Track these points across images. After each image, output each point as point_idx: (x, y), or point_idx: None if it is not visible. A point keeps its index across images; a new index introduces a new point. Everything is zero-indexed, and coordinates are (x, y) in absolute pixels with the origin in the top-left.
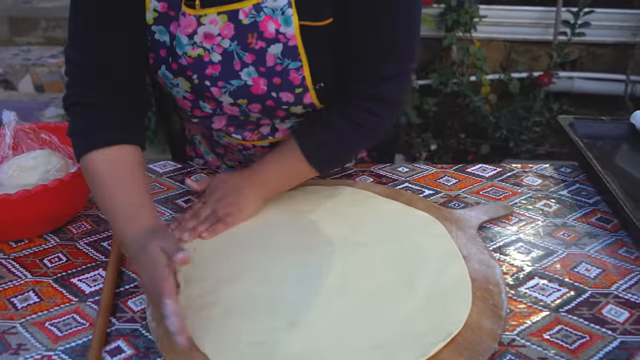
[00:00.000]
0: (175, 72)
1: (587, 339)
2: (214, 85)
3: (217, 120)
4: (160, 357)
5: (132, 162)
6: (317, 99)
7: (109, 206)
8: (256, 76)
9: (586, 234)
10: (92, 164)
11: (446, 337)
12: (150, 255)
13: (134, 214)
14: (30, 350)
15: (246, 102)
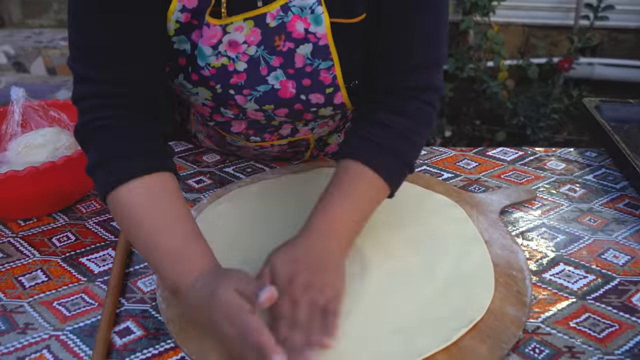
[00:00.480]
0: (196, 82)
1: (616, 327)
2: (239, 94)
3: (236, 124)
4: (170, 338)
5: (174, 192)
6: (348, 98)
7: (153, 247)
8: (284, 79)
9: (613, 220)
10: (127, 196)
11: (468, 323)
12: (226, 304)
13: (187, 256)
14: (37, 329)
15: (273, 107)
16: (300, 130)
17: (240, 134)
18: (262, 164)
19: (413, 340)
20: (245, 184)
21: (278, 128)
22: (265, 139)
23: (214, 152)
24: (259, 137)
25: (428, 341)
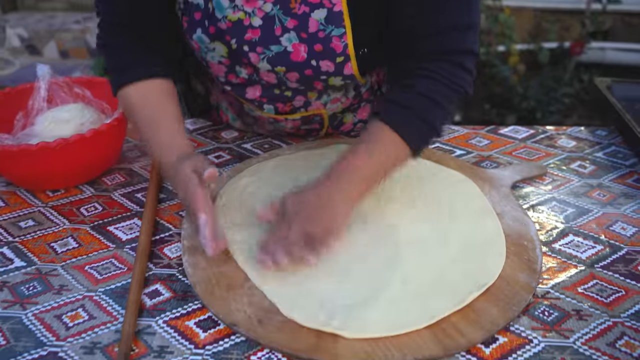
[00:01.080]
0: (213, 36)
1: (623, 293)
2: (253, 51)
3: (250, 90)
4: (197, 300)
5: (163, 94)
6: (357, 70)
7: (146, 137)
8: (297, 42)
9: (622, 195)
10: (127, 98)
11: (481, 287)
12: (183, 176)
13: (168, 143)
14: (72, 290)
15: (284, 70)
16: (312, 103)
17: (254, 101)
18: (278, 139)
19: (430, 303)
20: (263, 159)
21: (291, 99)
22: (279, 109)
23: (232, 128)
24: (272, 107)
25: (445, 304)
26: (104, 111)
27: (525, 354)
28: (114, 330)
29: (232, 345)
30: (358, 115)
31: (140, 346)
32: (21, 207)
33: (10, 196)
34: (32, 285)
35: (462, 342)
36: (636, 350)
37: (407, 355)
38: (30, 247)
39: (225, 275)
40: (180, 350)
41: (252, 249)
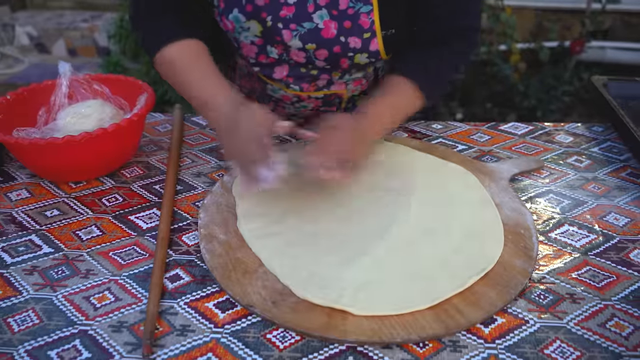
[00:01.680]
0: (249, 14)
1: (614, 278)
2: (286, 28)
3: (278, 70)
4: (215, 283)
5: (200, 50)
6: (383, 47)
7: (190, 81)
8: (327, 19)
9: (616, 187)
10: (167, 55)
11: (480, 271)
12: (255, 115)
13: (220, 83)
14: (98, 275)
15: (314, 47)
16: (335, 82)
17: (281, 80)
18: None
19: (432, 285)
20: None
21: (316, 77)
22: (303, 89)
23: None
24: (298, 86)
25: (445, 286)
26: (121, 107)
27: (522, 333)
28: (139, 310)
29: (249, 324)
30: None
31: (164, 325)
32: (46, 198)
33: (35, 187)
34: (60, 269)
35: (463, 322)
36: (625, 330)
37: (412, 333)
38: (57, 235)
39: (241, 261)
40: (201, 329)
41: (267, 238)
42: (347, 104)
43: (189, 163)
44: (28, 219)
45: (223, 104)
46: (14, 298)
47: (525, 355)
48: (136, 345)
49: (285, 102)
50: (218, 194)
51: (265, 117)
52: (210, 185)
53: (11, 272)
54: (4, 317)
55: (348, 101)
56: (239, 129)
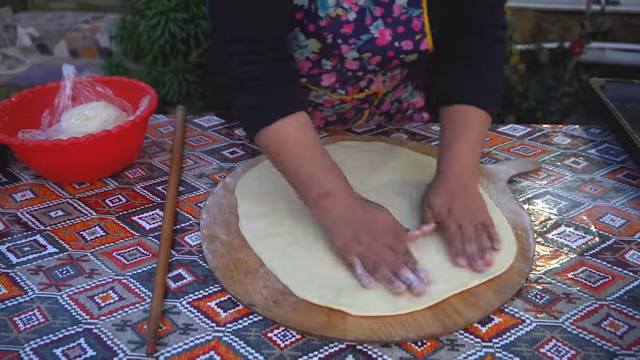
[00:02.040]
0: (310, 33)
1: (609, 279)
2: (345, 43)
3: (326, 78)
4: (217, 283)
5: (312, 125)
6: (432, 45)
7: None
8: (382, 28)
9: (613, 189)
10: (283, 129)
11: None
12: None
13: (337, 171)
14: (102, 274)
15: (370, 55)
16: (374, 82)
17: (328, 87)
18: None
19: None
20: None
21: (359, 79)
22: (348, 92)
23: None
24: (344, 90)
25: (444, 288)
26: (124, 109)
27: (518, 332)
28: (142, 310)
29: (250, 323)
30: (395, 94)
31: (166, 324)
32: (50, 199)
33: (39, 188)
34: (65, 269)
35: (460, 321)
36: (619, 330)
37: (410, 332)
38: (61, 235)
39: (243, 261)
40: (203, 327)
41: (268, 239)
42: (380, 101)
43: (191, 164)
44: (33, 220)
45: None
46: (20, 297)
47: (522, 354)
48: (140, 344)
49: (325, 106)
50: (220, 195)
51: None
52: (212, 186)
53: (17, 272)
54: (9, 316)
55: (381, 98)
56: (373, 224)
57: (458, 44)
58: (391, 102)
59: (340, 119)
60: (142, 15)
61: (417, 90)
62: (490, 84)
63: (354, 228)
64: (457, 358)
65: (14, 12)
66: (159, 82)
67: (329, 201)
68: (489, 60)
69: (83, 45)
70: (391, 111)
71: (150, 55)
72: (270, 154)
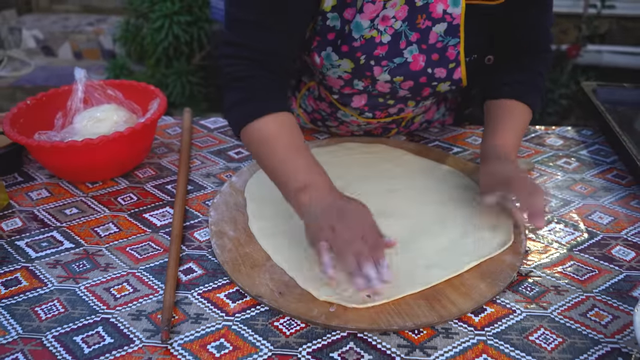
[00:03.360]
0: (343, 54)
1: (596, 272)
2: (377, 65)
3: (356, 99)
4: (226, 276)
5: (296, 125)
6: (465, 74)
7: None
8: (417, 53)
9: (602, 188)
10: (263, 128)
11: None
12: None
13: (317, 168)
14: (116, 268)
15: (402, 79)
16: (406, 109)
17: (357, 109)
18: None
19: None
20: None
21: (389, 106)
22: (376, 116)
23: None
24: (372, 114)
25: (440, 273)
26: (134, 111)
27: (509, 322)
28: (156, 300)
29: (257, 313)
30: (426, 115)
31: (179, 314)
32: (65, 197)
33: (54, 187)
34: (81, 263)
35: (454, 311)
36: (604, 319)
37: (408, 321)
38: (77, 232)
39: (250, 255)
40: (213, 317)
41: (274, 235)
42: (408, 122)
43: (199, 164)
44: (49, 217)
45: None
46: (40, 289)
47: (512, 342)
48: (154, 332)
49: (352, 124)
50: (227, 193)
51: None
52: (219, 185)
53: (36, 266)
54: (32, 306)
55: (409, 119)
56: (349, 213)
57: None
58: (420, 123)
59: (367, 134)
60: (146, 18)
61: (448, 112)
62: (534, 82)
63: (329, 218)
64: (451, 345)
65: (18, 15)
66: (162, 83)
67: (306, 195)
68: (533, 63)
69: (87, 47)
70: (419, 129)
71: (154, 57)
72: (252, 151)
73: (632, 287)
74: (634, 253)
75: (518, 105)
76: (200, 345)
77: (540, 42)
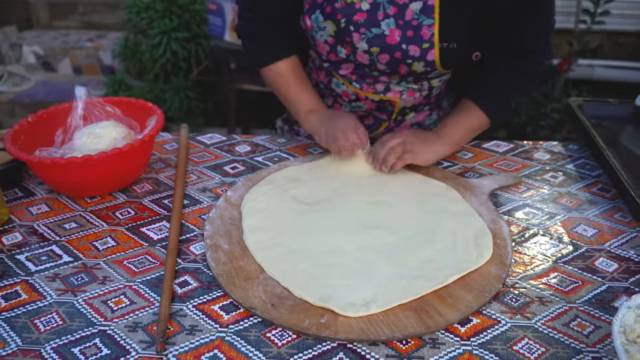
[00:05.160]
0: (327, 15)
1: (579, 284)
2: (356, 31)
3: (344, 67)
4: (220, 289)
5: (301, 67)
6: (439, 58)
7: (298, 89)
8: (393, 27)
9: (587, 201)
10: (278, 68)
11: (462, 271)
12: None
13: (319, 99)
14: (114, 281)
15: (378, 51)
16: (392, 89)
17: (345, 76)
18: (286, 153)
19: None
20: (274, 170)
21: (376, 80)
22: (363, 89)
23: (245, 143)
24: (359, 85)
25: (426, 284)
26: (132, 128)
27: (494, 332)
28: (152, 312)
29: (250, 324)
30: (417, 116)
31: (174, 325)
32: (64, 212)
33: (53, 202)
34: (80, 276)
35: (441, 321)
36: (586, 329)
37: (396, 332)
38: (76, 245)
39: (243, 268)
40: (207, 328)
41: (268, 249)
42: (398, 115)
43: (195, 179)
44: (48, 231)
45: (324, 110)
46: (39, 302)
47: (496, 351)
48: (150, 343)
49: (344, 98)
50: (222, 207)
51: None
52: (215, 199)
53: (35, 279)
54: (31, 319)
55: (399, 113)
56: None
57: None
58: (412, 123)
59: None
60: (145, 35)
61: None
62: (503, 96)
63: (327, 126)
64: (438, 355)
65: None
66: (160, 99)
67: (313, 115)
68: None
69: (86, 62)
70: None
71: (152, 72)
72: (270, 84)
73: (613, 298)
74: (617, 265)
75: (475, 108)
76: (195, 356)
77: (526, 51)
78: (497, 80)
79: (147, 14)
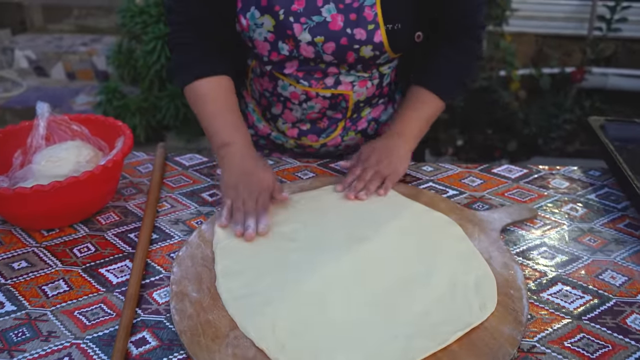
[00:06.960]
0: (263, 9)
1: (609, 348)
2: (297, 22)
3: (288, 65)
4: (183, 349)
5: (231, 89)
6: (387, 40)
7: (216, 115)
8: (335, 13)
9: (613, 240)
10: (199, 88)
11: (465, 327)
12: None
13: (240, 128)
14: (60, 337)
15: (322, 40)
16: (342, 82)
17: (291, 75)
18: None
19: (410, 343)
20: None
21: (324, 74)
22: (312, 85)
23: None
24: (307, 82)
25: (425, 344)
26: (100, 148)
27: None
28: None
29: None
30: (373, 112)
31: None
32: (16, 247)
33: (5, 235)
34: (21, 331)
35: None
36: None
37: None
38: (22, 290)
39: (212, 324)
40: None
41: (244, 298)
42: (353, 113)
43: (168, 208)
44: None
45: (240, 148)
46: None
47: None
48: None
49: (293, 101)
50: (194, 245)
51: (274, 179)
52: (188, 234)
53: None
54: None
55: (354, 109)
56: (252, 177)
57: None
58: (368, 120)
59: (314, 129)
60: (139, 40)
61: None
62: (450, 74)
63: (237, 178)
64: None
65: (12, 35)
66: (155, 106)
67: (226, 150)
68: (457, 52)
69: (80, 67)
70: (369, 131)
71: (147, 79)
72: (192, 106)
73: None
74: None
75: (427, 93)
76: None
77: (466, 26)
78: (440, 61)
79: (141, 18)
